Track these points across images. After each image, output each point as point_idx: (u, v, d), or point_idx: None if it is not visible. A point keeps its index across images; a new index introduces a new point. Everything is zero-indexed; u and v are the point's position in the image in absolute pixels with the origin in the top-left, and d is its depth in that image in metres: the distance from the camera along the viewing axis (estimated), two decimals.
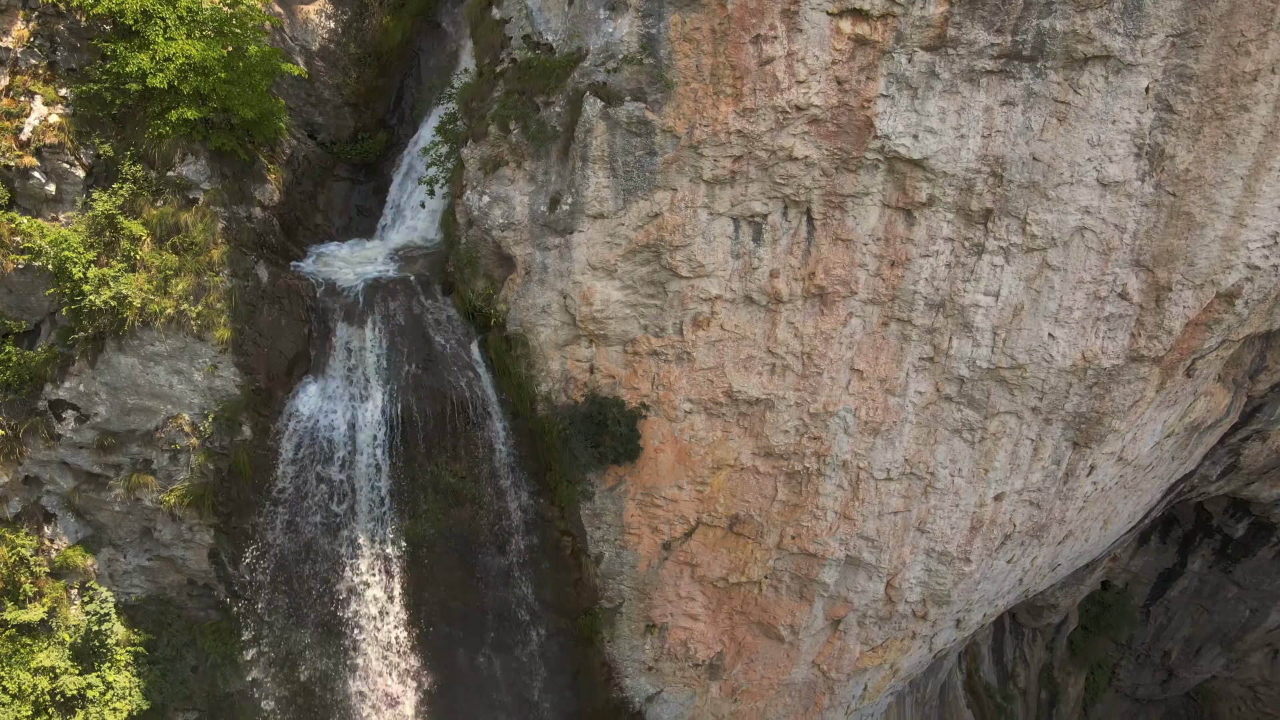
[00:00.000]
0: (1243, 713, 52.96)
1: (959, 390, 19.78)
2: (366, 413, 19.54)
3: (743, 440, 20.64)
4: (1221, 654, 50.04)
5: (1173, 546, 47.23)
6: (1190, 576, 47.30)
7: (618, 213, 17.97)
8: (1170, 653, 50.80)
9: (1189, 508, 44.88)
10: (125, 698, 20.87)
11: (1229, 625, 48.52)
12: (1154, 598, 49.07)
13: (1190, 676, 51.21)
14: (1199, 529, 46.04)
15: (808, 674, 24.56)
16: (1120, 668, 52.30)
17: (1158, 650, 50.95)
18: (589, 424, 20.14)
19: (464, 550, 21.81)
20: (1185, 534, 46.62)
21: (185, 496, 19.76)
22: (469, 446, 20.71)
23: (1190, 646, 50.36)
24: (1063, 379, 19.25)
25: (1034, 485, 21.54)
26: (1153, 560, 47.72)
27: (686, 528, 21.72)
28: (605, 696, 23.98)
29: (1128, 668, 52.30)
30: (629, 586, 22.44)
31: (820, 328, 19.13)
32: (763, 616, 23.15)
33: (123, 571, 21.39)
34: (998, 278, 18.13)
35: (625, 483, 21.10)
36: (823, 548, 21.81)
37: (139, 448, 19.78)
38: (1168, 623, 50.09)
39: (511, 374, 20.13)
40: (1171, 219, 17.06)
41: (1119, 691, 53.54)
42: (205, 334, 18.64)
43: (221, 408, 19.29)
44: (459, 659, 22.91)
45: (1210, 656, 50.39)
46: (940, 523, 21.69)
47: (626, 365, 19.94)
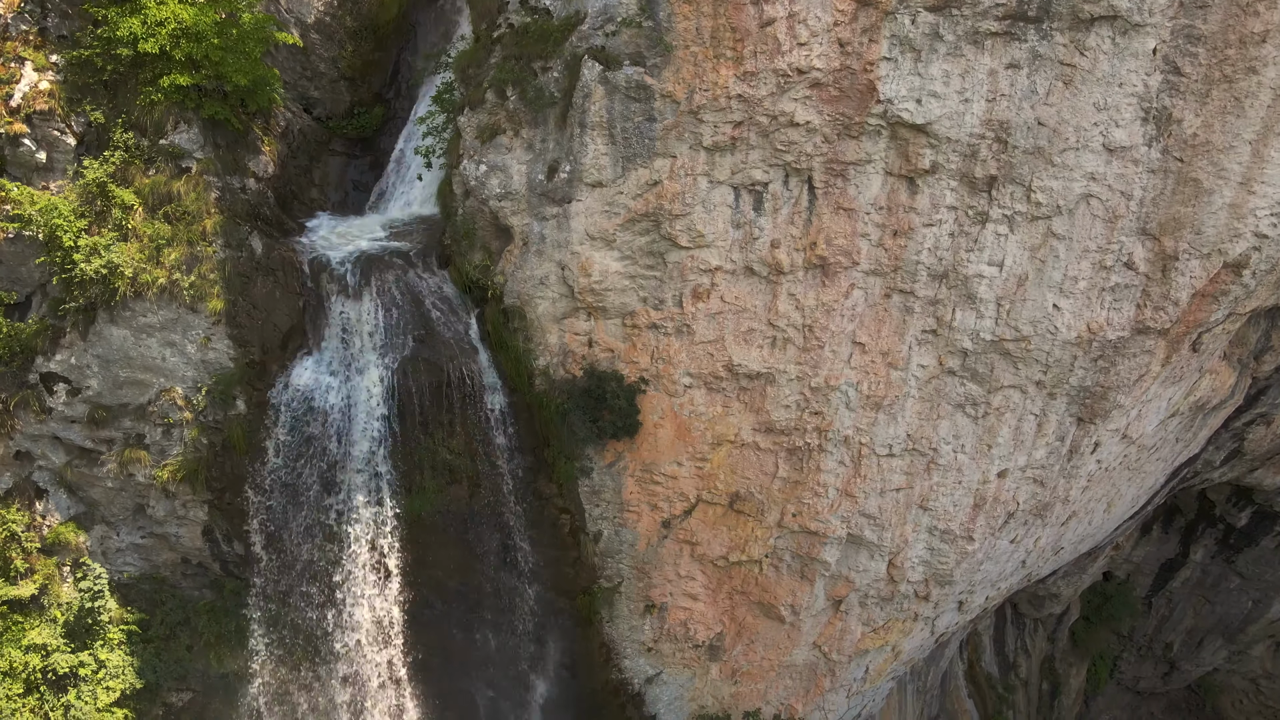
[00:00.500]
0: (1244, 706, 52.72)
1: (962, 364, 19.52)
2: (362, 386, 19.27)
3: (743, 415, 20.38)
4: (1224, 646, 49.82)
5: (1175, 536, 46.98)
6: (1192, 567, 47.05)
7: (616, 181, 17.71)
8: (1172, 645, 50.57)
9: (1191, 496, 44.64)
10: (118, 676, 20.64)
11: (1231, 617, 48.29)
12: (1156, 589, 48.83)
13: (1192, 669, 51.00)
14: (1201, 518, 45.80)
15: (809, 655, 24.31)
16: (1122, 660, 52.08)
17: (1159, 642, 50.71)
18: (587, 398, 19.88)
19: (461, 528, 21.56)
20: (1188, 523, 46.38)
21: (178, 471, 19.50)
22: (466, 422, 20.45)
23: (1192, 638, 50.14)
24: (1067, 351, 18.99)
25: (1038, 462, 21.28)
26: (1155, 550, 47.47)
27: (686, 505, 21.46)
28: (604, 678, 23.73)
29: (1129, 660, 52.07)
30: (628, 565, 22.19)
31: (822, 299, 18.87)
32: (763, 596, 22.90)
33: (115, 549, 21.14)
34: (1001, 247, 17.87)
35: (624, 459, 20.85)
36: (824, 526, 21.56)
37: (131, 422, 19.52)
38: (1170, 614, 49.84)
39: (509, 348, 19.87)
40: (1179, 185, 16.80)
41: (1120, 684, 53.31)
42: (198, 305, 18.38)
43: (215, 381, 19.02)
44: (456, 638, 22.67)
45: (1212, 649, 50.17)
46: (943, 500, 21.44)
47: (625, 339, 19.67)
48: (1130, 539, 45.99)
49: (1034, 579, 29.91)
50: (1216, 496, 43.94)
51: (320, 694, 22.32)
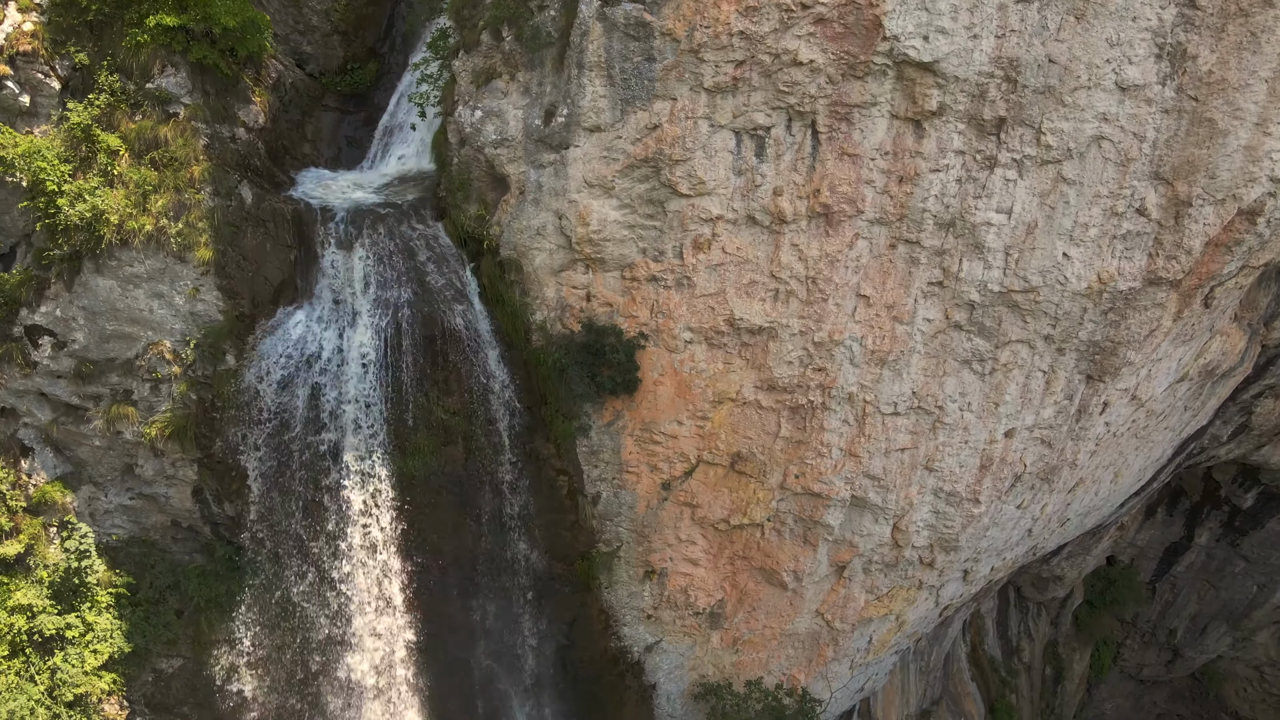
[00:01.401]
0: (1248, 693, 52.30)
1: (969, 317, 19.06)
2: (354, 340, 18.82)
3: (745, 372, 19.93)
4: (1228, 632, 49.43)
5: (1180, 519, 46.59)
6: (1197, 550, 46.66)
7: (615, 125, 17.25)
8: (1176, 631, 50.18)
9: (1197, 477, 44.26)
10: (106, 640, 20.19)
11: (1236, 602, 47.89)
12: (1160, 573, 48.42)
13: (1196, 656, 50.60)
14: (1207, 500, 45.40)
15: (811, 624, 23.86)
16: (1125, 648, 51.67)
17: (1163, 629, 50.31)
18: (585, 354, 19.43)
19: (456, 490, 21.10)
20: (1193, 505, 45.99)
21: (167, 428, 19.05)
22: (461, 380, 20.00)
23: (1196, 624, 49.75)
24: (1077, 303, 18.54)
25: (1045, 422, 20.83)
26: (1159, 534, 47.06)
27: (687, 466, 21.01)
28: (603, 645, 23.28)
29: (1132, 647, 51.66)
30: (627, 529, 21.74)
31: (825, 250, 18.42)
32: (765, 561, 22.45)
33: (104, 511, 20.69)
34: (1010, 193, 17.41)
35: (623, 418, 20.40)
36: (827, 487, 21.11)
37: (119, 377, 19.06)
38: (1174, 599, 49.45)
39: (505, 302, 19.43)
40: (1193, 126, 16.35)
41: (1123, 672, 52.91)
42: (186, 254, 17.93)
43: (204, 334, 18.57)
44: (451, 604, 22.19)
45: (1216, 635, 49.78)
46: (949, 461, 20.99)
47: (624, 292, 19.22)
48: (1134, 521, 45.59)
49: (1039, 552, 29.47)
50: (1222, 477, 43.53)
51: (312, 662, 21.88)
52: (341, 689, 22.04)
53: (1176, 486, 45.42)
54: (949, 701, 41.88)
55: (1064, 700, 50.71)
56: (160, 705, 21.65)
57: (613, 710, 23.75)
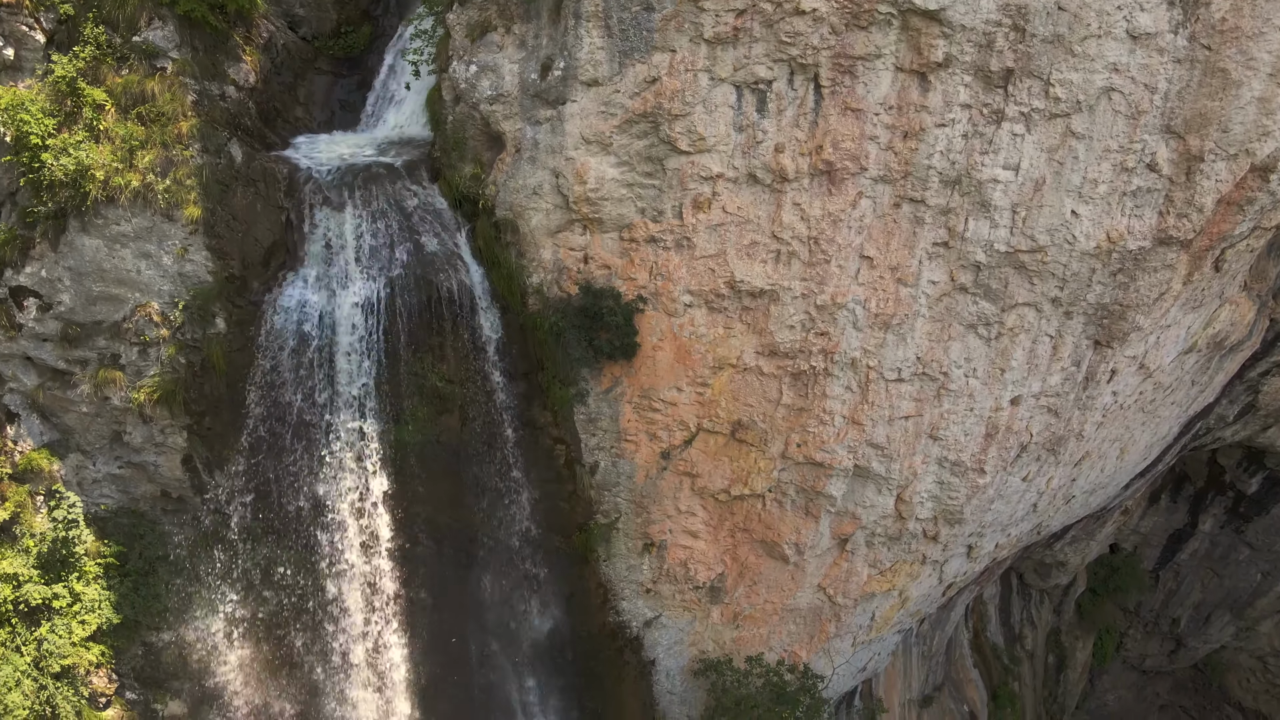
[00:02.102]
0: (1251, 684, 51.91)
1: (975, 279, 18.65)
2: (346, 303, 18.41)
3: (746, 337, 19.52)
4: (1231, 621, 49.07)
5: (1184, 505, 46.23)
6: (1201, 538, 46.30)
7: (613, 78, 16.84)
8: (1179, 620, 49.80)
9: (1201, 462, 43.90)
10: (94, 611, 19.78)
11: (1239, 590, 47.51)
12: (1163, 561, 48.06)
13: (1199, 646, 50.22)
14: (1211, 485, 45.04)
15: (813, 599, 23.46)
16: (1128, 637, 51.30)
17: (1166, 618, 49.94)
18: (583, 317, 19.02)
19: (452, 460, 20.71)
20: (1197, 491, 45.63)
21: (155, 392, 18.65)
22: (456, 346, 19.61)
23: (1200, 613, 49.39)
24: (1085, 264, 18.13)
25: (1052, 389, 20.42)
26: (1163, 520, 46.69)
27: (686, 435, 20.60)
28: (601, 620, 22.89)
29: (1135, 637, 51.30)
30: (626, 499, 21.34)
31: (828, 209, 18.00)
32: (766, 534, 22.05)
33: (92, 480, 20.28)
34: (1018, 149, 17.00)
35: (621, 384, 19.99)
36: (830, 456, 20.70)
37: (106, 341, 18.66)
38: (1177, 588, 49.09)
39: (501, 264, 19.02)
40: (1205, 77, 15.93)
41: (1126, 663, 52.55)
42: (174, 212, 17.52)
43: (193, 295, 18.17)
44: (447, 577, 21.81)
45: (1220, 624, 49.41)
46: (954, 429, 20.58)
47: (623, 254, 18.81)
48: (1138, 506, 45.22)
49: (1044, 531, 29.06)
50: (1227, 461, 43.15)
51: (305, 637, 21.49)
52: (333, 662, 21.64)
53: (1180, 472, 45.06)
54: (951, 688, 41.51)
55: (1066, 689, 50.35)
56: (150, 679, 21.26)
57: (611, 686, 23.36)
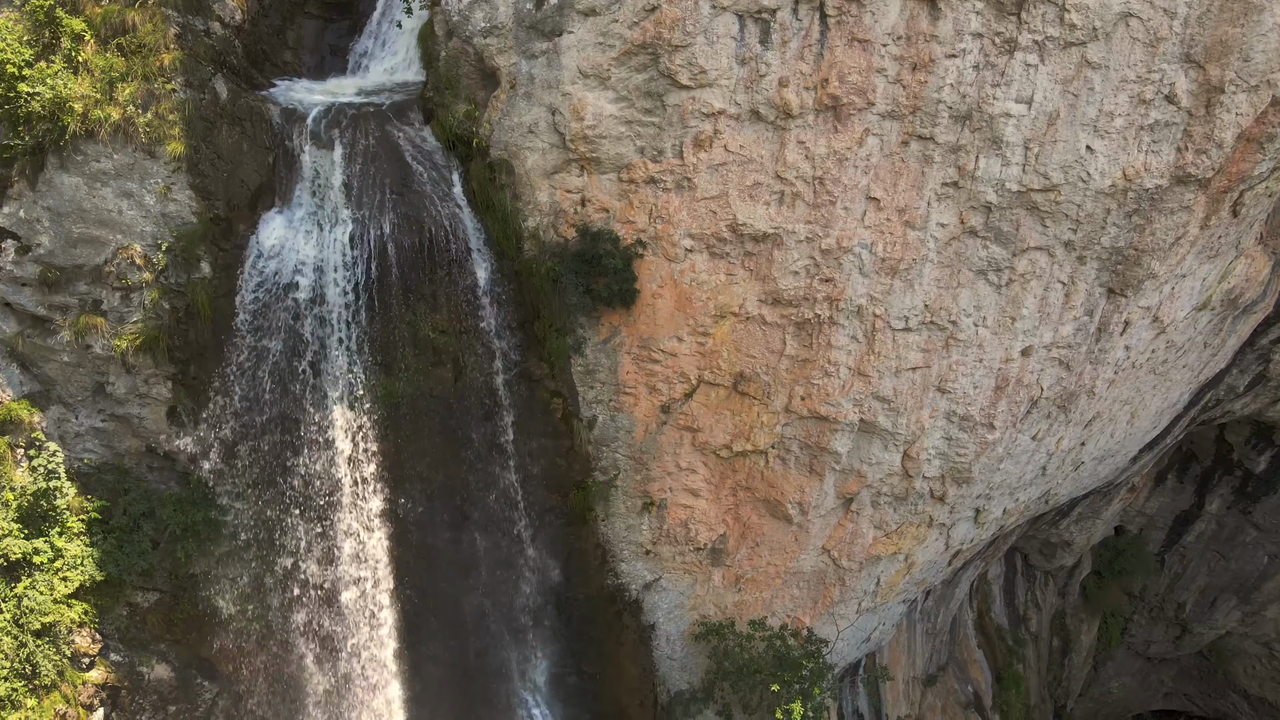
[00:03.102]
0: (1257, 671, 51.39)
1: (985, 221, 18.05)
2: (335, 245, 17.80)
3: (748, 284, 18.91)
4: (1237, 606, 48.54)
5: (1190, 485, 45.72)
6: (1207, 519, 45.80)
7: (611, 7, 16.23)
8: (1184, 605, 49.27)
9: (1209, 439, 43.36)
10: (76, 567, 19.17)
11: (1246, 574, 46.99)
12: (1169, 544, 47.54)
13: (1204, 632, 49.69)
14: (1218, 464, 44.55)
15: (817, 561, 22.86)
16: (1132, 623, 50.78)
17: (1171, 602, 49.40)
18: (580, 262, 18.42)
19: (445, 414, 20.10)
20: (1204, 470, 45.12)
21: (138, 339, 18.03)
22: (450, 294, 19.00)
23: (1205, 598, 48.86)
24: (1100, 204, 17.53)
25: (1064, 339, 19.83)
26: (1169, 502, 46.16)
27: (687, 387, 20.00)
28: (599, 582, 22.28)
29: (1140, 623, 50.77)
30: (624, 455, 20.73)
31: (833, 147, 17.39)
32: (769, 493, 21.45)
33: (74, 434, 19.66)
34: (1031, 80, 16.39)
35: (620, 334, 19.39)
36: (835, 410, 20.10)
37: (87, 285, 18.04)
38: (1183, 571, 48.56)
39: (496, 207, 18.40)
40: (1226, 1, 15.32)
41: (1131, 649, 52.01)
42: (156, 149, 16.91)
43: (177, 236, 17.55)
44: (440, 537, 21.19)
45: (1226, 609, 48.89)
46: (963, 381, 19.99)
47: (621, 196, 18.20)
48: (1145, 484, 44.67)
49: (1052, 500, 28.45)
50: (1235, 438, 42.62)
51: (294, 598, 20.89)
52: (324, 625, 21.05)
53: (1188, 451, 44.56)
54: (955, 668, 40.96)
55: (1071, 673, 49.83)
56: (135, 641, 20.64)
57: (609, 651, 22.76)
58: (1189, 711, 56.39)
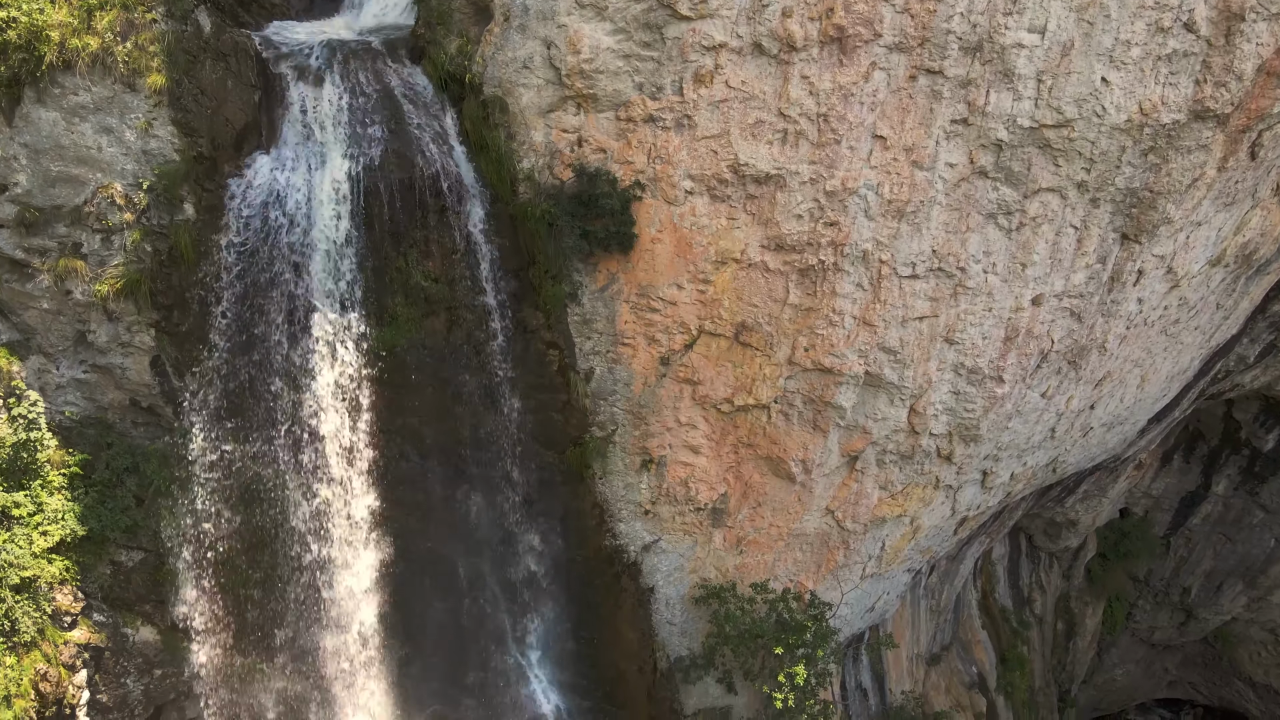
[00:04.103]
0: (1263, 658, 50.78)
1: (995, 161, 17.44)
2: (324, 185, 17.21)
3: (750, 229, 18.31)
4: (1243, 591, 47.97)
5: (1197, 466, 45.16)
6: (1214, 500, 45.24)
7: None
8: (1190, 589, 48.70)
9: (1216, 417, 42.80)
10: (57, 522, 18.57)
11: (1252, 557, 46.43)
12: (1175, 526, 46.97)
13: (1210, 617, 49.12)
14: (1226, 443, 43.98)
15: (820, 523, 22.27)
16: (1137, 608, 50.22)
17: (1176, 587, 48.83)
18: (576, 204, 17.81)
19: (438, 366, 19.51)
20: (1211, 450, 44.58)
21: (119, 282, 17.43)
22: (442, 240, 18.41)
23: (1211, 582, 48.30)
24: (1115, 141, 16.93)
25: (1076, 289, 19.24)
26: (1175, 482, 45.59)
27: (687, 338, 19.40)
28: (597, 543, 21.68)
29: (1145, 608, 50.21)
30: (622, 409, 20.13)
31: (839, 82, 16.78)
32: (771, 450, 20.84)
33: (55, 385, 19.08)
34: (1044, 7, 15.78)
35: (618, 281, 18.79)
36: (839, 361, 19.50)
37: (66, 228, 17.44)
38: (1188, 555, 47.99)
39: (489, 147, 17.80)
40: None
41: (1135, 635, 51.45)
42: (136, 81, 16.31)
43: (158, 175, 16.95)
44: (433, 495, 20.61)
45: (1231, 594, 48.32)
46: (971, 331, 19.39)
47: (619, 135, 17.60)
48: (1151, 464, 44.10)
49: (1060, 470, 27.85)
50: (1243, 415, 42.05)
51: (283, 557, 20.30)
52: (314, 587, 20.46)
53: (1195, 429, 44.00)
54: (959, 648, 40.36)
55: (1076, 657, 49.23)
56: (119, 600, 20.05)
57: (607, 615, 22.17)
58: (1193, 700, 55.81)
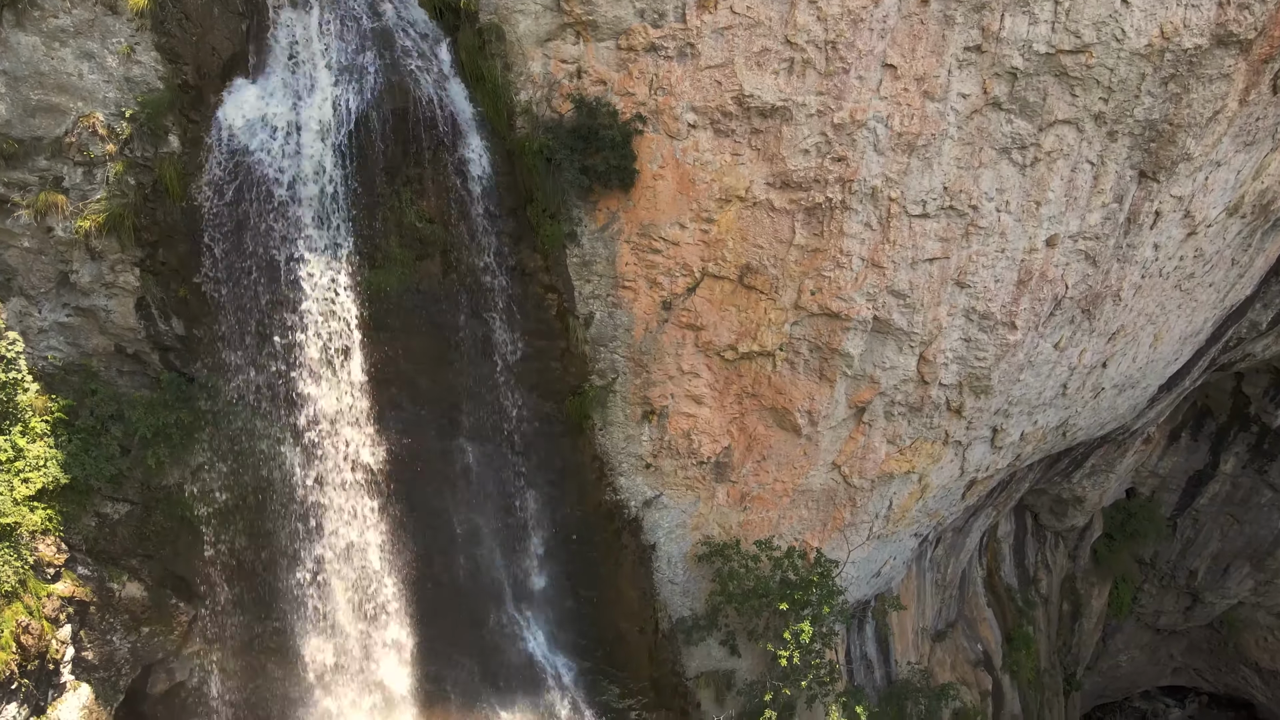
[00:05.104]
0: (1269, 643, 50.27)
1: (1010, 91, 16.83)
2: (313, 115, 16.60)
3: (755, 165, 17.70)
4: (1251, 574, 47.46)
5: (1205, 444, 44.61)
6: (1222, 479, 44.69)
7: None
8: (1196, 573, 48.18)
9: (1225, 393, 42.24)
10: (39, 469, 18.00)
11: (1260, 538, 45.91)
12: (1182, 507, 46.44)
13: (1216, 601, 48.60)
14: (1234, 419, 43.41)
15: (827, 479, 21.66)
16: (1143, 593, 49.68)
17: (1183, 569, 48.29)
18: (575, 138, 17.20)
19: (433, 311, 18.89)
20: (1219, 427, 44.02)
21: (101, 217, 16.85)
22: (437, 178, 17.79)
23: (1218, 564, 47.79)
24: (1134, 69, 16.32)
25: (1091, 230, 18.63)
26: (1182, 461, 45.03)
27: (690, 281, 18.78)
28: (597, 499, 21.06)
29: (1150, 592, 49.67)
30: (623, 357, 19.52)
31: (847, 6, 16.16)
32: (777, 400, 20.24)
33: (38, 329, 18.50)
34: None
35: (618, 220, 18.18)
36: (847, 305, 18.89)
37: (47, 160, 16.85)
38: (1195, 536, 47.46)
39: (486, 79, 17.18)
40: None
41: (1140, 621, 50.92)
42: (118, 3, 15.71)
43: (141, 104, 16.36)
44: (428, 446, 19.98)
45: (1238, 577, 47.80)
46: (983, 274, 18.79)
47: (620, 66, 16.98)
48: (1159, 440, 43.52)
49: (1069, 435, 27.22)
50: (1252, 390, 41.49)
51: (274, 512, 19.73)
52: (305, 542, 19.87)
53: (1203, 406, 43.42)
54: (964, 625, 39.77)
55: (1081, 639, 48.67)
56: (105, 554, 19.46)
57: (608, 573, 21.56)
58: (1197, 687, 55.29)
